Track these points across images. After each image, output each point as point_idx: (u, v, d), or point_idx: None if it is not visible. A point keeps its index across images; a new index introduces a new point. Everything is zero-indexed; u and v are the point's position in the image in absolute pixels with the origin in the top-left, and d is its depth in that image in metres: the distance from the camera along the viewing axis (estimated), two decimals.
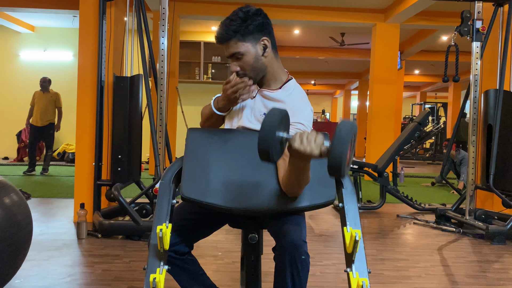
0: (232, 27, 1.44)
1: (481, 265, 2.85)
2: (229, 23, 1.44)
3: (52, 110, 6.79)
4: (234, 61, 1.47)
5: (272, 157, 1.13)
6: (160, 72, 3.53)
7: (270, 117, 1.14)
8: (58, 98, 6.87)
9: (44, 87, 6.76)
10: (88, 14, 3.70)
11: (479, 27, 3.75)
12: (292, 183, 1.30)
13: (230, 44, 1.46)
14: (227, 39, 1.45)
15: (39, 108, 6.66)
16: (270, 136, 1.11)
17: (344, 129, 1.06)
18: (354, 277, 1.23)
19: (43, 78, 6.80)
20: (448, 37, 8.94)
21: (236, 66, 1.47)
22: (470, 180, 3.82)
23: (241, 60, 1.46)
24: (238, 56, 1.46)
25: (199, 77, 8.87)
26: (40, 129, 6.69)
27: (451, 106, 14.32)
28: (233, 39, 1.45)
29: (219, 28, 1.46)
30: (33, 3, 6.99)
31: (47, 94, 6.77)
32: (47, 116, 6.71)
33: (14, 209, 1.89)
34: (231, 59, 1.48)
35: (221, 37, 1.46)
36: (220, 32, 1.46)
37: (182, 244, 1.47)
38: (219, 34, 1.46)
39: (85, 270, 2.55)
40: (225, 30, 1.44)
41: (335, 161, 1.06)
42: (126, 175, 3.55)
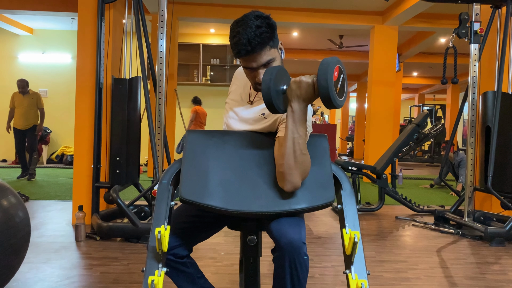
0: (264, 34, 1.37)
1: (480, 267, 2.85)
2: (257, 31, 1.35)
3: (34, 112, 6.56)
4: (263, 70, 1.41)
5: (277, 106, 1.30)
6: (159, 74, 3.53)
7: (267, 73, 1.29)
8: (39, 99, 6.61)
9: (22, 91, 6.52)
10: (86, 17, 3.70)
11: (477, 29, 3.76)
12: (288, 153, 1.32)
13: (263, 52, 1.39)
14: (261, 48, 1.38)
15: (21, 112, 6.46)
16: (270, 88, 1.27)
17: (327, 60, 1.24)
18: (353, 279, 1.23)
19: (20, 81, 6.54)
20: (446, 39, 8.96)
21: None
22: (469, 182, 3.83)
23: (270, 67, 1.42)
24: (270, 63, 1.41)
25: (197, 79, 8.88)
26: (25, 132, 6.52)
27: (449, 108, 14.35)
28: (266, 47, 1.39)
29: (246, 39, 1.35)
30: (32, 5, 6.98)
31: (27, 96, 6.52)
32: (30, 119, 6.51)
33: (12, 212, 1.88)
34: (259, 69, 1.41)
35: (255, 46, 1.36)
36: (252, 42, 1.35)
37: (182, 247, 1.46)
38: (252, 44, 1.35)
39: (83, 272, 2.54)
40: (258, 39, 1.35)
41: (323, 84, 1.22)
42: (125, 177, 3.54)
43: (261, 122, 1.51)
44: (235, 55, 1.42)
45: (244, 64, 1.43)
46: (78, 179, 3.72)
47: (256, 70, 1.42)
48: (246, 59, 1.41)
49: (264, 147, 1.47)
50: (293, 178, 1.32)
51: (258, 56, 1.39)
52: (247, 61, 1.41)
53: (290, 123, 1.32)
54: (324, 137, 1.53)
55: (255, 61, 1.40)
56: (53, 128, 9.27)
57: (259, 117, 1.51)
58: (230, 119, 1.58)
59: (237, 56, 1.41)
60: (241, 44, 1.36)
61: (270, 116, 1.49)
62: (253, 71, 1.43)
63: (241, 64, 1.49)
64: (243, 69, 1.48)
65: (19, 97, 6.56)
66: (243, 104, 1.57)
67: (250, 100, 1.55)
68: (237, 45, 1.38)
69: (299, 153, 1.32)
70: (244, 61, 1.42)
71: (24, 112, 6.48)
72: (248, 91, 1.58)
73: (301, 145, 1.32)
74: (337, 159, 5.05)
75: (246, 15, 1.40)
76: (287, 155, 1.32)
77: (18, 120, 6.50)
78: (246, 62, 1.41)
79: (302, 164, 1.33)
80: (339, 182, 1.45)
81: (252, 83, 1.49)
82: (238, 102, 1.58)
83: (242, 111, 1.55)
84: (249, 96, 1.56)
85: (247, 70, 1.45)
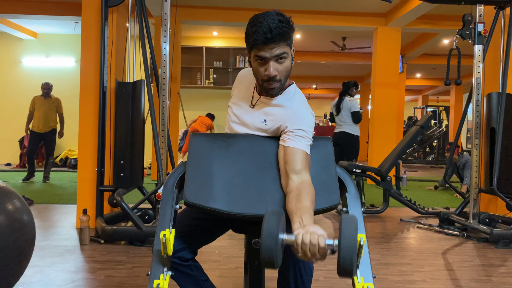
0: (285, 28, 1.36)
1: (486, 269, 2.83)
2: (279, 24, 1.35)
3: (54, 116, 6.71)
4: (275, 64, 1.40)
5: (277, 264, 1.10)
6: (162, 77, 3.54)
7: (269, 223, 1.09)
8: (59, 104, 6.79)
9: (47, 93, 6.68)
10: (90, 20, 3.72)
11: (480, 30, 3.75)
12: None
13: (280, 44, 1.38)
14: (279, 39, 1.37)
15: (41, 114, 6.56)
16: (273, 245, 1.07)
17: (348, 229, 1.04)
18: (359, 282, 1.22)
19: (45, 84, 6.71)
20: (450, 40, 8.94)
21: (275, 70, 1.40)
22: (474, 183, 3.81)
23: (282, 64, 1.41)
24: (282, 57, 1.40)
25: (200, 82, 8.89)
26: (42, 136, 6.59)
27: (453, 109, 14.31)
28: (284, 41, 1.38)
29: (267, 27, 1.34)
30: (36, 10, 7.02)
31: (48, 100, 6.67)
32: (49, 122, 6.62)
33: (17, 215, 1.89)
34: (272, 60, 1.39)
35: (274, 36, 1.35)
36: (273, 30, 1.34)
37: (186, 250, 1.46)
38: (273, 33, 1.35)
39: (88, 276, 2.54)
40: (279, 29, 1.35)
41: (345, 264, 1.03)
42: (129, 180, 3.55)
43: (262, 129, 1.50)
44: (252, 43, 1.39)
45: (257, 53, 1.39)
46: (82, 182, 3.73)
47: (268, 61, 1.39)
48: (261, 48, 1.38)
49: (268, 150, 1.46)
50: None
51: (275, 46, 1.37)
52: (262, 50, 1.38)
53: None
54: (328, 140, 1.52)
55: (270, 50, 1.37)
56: None
57: (260, 123, 1.50)
58: (232, 123, 1.58)
59: (254, 43, 1.38)
60: (261, 31, 1.35)
61: (271, 123, 1.48)
62: (265, 62, 1.40)
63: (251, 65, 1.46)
64: (253, 63, 1.45)
65: (40, 100, 6.65)
66: (245, 108, 1.56)
67: (252, 104, 1.55)
68: (256, 33, 1.36)
69: None
70: (259, 50, 1.38)
71: (43, 115, 6.56)
72: (250, 94, 1.56)
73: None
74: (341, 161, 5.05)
75: (268, 11, 1.40)
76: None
77: (37, 122, 6.55)
78: (261, 51, 1.38)
79: None
80: (344, 184, 1.44)
81: (259, 78, 1.45)
82: (240, 106, 1.58)
83: (243, 115, 1.54)
84: (252, 100, 1.55)
85: (258, 61, 1.41)
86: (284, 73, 1.43)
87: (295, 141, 1.40)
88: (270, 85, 1.43)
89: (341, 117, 5.61)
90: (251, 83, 1.57)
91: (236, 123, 1.56)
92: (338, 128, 5.69)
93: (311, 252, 1.09)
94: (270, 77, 1.41)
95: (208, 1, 6.74)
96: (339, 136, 5.63)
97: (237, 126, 1.55)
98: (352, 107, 5.53)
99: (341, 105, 5.59)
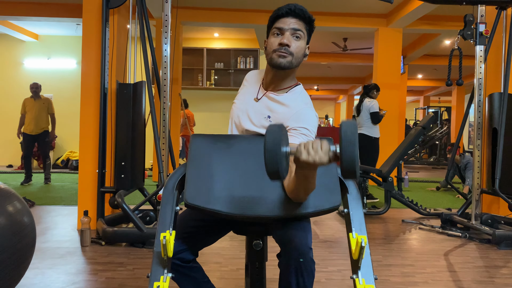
0: (307, 14, 1.47)
1: (488, 271, 2.82)
2: (304, 9, 1.47)
3: (46, 117, 6.51)
4: (290, 37, 1.46)
5: (282, 175, 1.12)
6: (163, 78, 3.53)
7: (272, 135, 1.11)
8: (50, 104, 6.59)
9: (36, 93, 6.48)
10: (91, 22, 3.72)
11: (482, 31, 3.74)
12: (298, 191, 1.29)
13: (300, 23, 1.47)
14: (300, 18, 1.46)
15: (32, 116, 6.38)
16: (277, 155, 1.09)
17: (349, 130, 1.07)
18: (360, 284, 1.22)
19: (34, 84, 6.51)
20: (451, 41, 8.93)
21: (290, 41, 1.45)
22: (476, 184, 3.79)
23: (296, 42, 1.47)
24: (299, 35, 1.47)
25: (202, 83, 8.90)
26: (35, 138, 6.44)
27: (454, 110, 14.27)
28: (303, 20, 1.47)
29: (293, 4, 1.46)
30: (37, 12, 7.04)
31: (38, 100, 6.49)
32: (41, 124, 6.44)
33: (17, 217, 1.88)
34: (288, 32, 1.45)
35: (298, 11, 1.46)
36: (297, 7, 1.46)
37: (187, 251, 1.46)
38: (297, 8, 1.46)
39: (89, 278, 2.54)
40: (303, 10, 1.46)
41: (348, 164, 1.06)
42: (130, 182, 3.54)
43: (265, 125, 1.50)
44: (274, 16, 1.48)
45: (277, 24, 1.47)
46: (83, 184, 3.73)
47: (284, 32, 1.45)
48: (281, 21, 1.46)
49: None
50: (301, 200, 1.34)
51: (294, 20, 1.45)
52: (281, 21, 1.46)
53: (301, 178, 1.24)
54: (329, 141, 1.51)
55: (289, 23, 1.45)
56: (58, 133, 9.29)
57: (264, 119, 1.50)
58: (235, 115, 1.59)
59: (276, 14, 1.47)
60: (286, 6, 1.45)
61: (275, 120, 1.49)
62: (282, 34, 1.46)
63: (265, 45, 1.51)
64: (269, 39, 1.50)
65: (30, 102, 6.50)
66: (249, 102, 1.57)
67: (257, 98, 1.55)
68: (281, 8, 1.47)
69: (309, 190, 1.29)
70: (279, 22, 1.47)
71: (35, 117, 6.40)
72: (256, 90, 1.58)
73: (312, 185, 1.27)
74: None
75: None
76: (297, 192, 1.30)
77: (28, 125, 6.41)
78: (280, 22, 1.46)
79: (312, 190, 1.31)
80: (345, 186, 1.44)
81: (271, 48, 1.48)
82: (245, 100, 1.60)
83: (247, 108, 1.56)
84: (257, 94, 1.57)
85: (275, 34, 1.47)
86: (296, 50, 1.47)
87: (298, 139, 1.40)
88: (281, 53, 1.45)
89: (361, 119, 5.48)
90: (258, 80, 1.60)
91: (239, 116, 1.57)
92: (358, 130, 5.56)
93: (314, 148, 1.11)
94: (283, 44, 1.44)
95: (209, 2, 6.75)
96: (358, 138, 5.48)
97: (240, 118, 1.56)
98: (371, 108, 5.47)
99: (360, 107, 5.51)
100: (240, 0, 6.57)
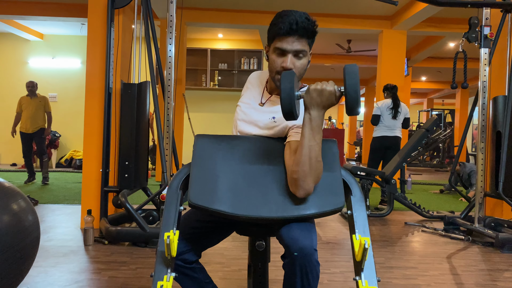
0: (309, 27, 1.38)
1: (491, 274, 2.81)
2: (305, 20, 1.37)
3: (42, 115, 6.48)
4: (292, 58, 1.41)
5: (295, 114, 1.28)
6: (168, 79, 3.54)
7: (286, 80, 1.26)
8: (47, 102, 6.55)
9: (32, 92, 6.47)
10: (96, 22, 3.74)
11: (487, 33, 3.73)
12: (303, 164, 1.29)
13: (302, 40, 1.39)
14: (303, 34, 1.38)
15: (28, 114, 6.35)
16: (291, 97, 1.25)
17: (351, 70, 1.23)
18: (363, 286, 1.22)
19: (30, 83, 6.49)
20: (455, 43, 8.91)
21: (292, 64, 1.41)
22: (479, 187, 3.78)
23: (299, 61, 1.42)
24: (300, 55, 1.41)
25: (205, 84, 8.91)
26: (32, 136, 6.42)
27: (458, 113, 14.23)
28: (306, 39, 1.40)
29: (294, 20, 1.36)
30: (42, 11, 7.07)
31: (35, 99, 6.46)
32: (37, 122, 6.41)
33: (21, 215, 1.89)
34: (290, 54, 1.40)
35: (299, 28, 1.36)
36: (299, 23, 1.36)
37: (191, 252, 1.46)
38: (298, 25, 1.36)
39: (92, 277, 2.54)
40: (304, 24, 1.36)
41: (353, 98, 1.23)
42: (133, 181, 3.55)
43: (270, 127, 1.50)
44: (275, 32, 1.40)
45: (278, 44, 1.41)
46: (87, 183, 3.74)
47: (287, 54, 1.41)
48: (283, 39, 1.39)
49: (273, 151, 1.46)
50: (306, 185, 1.31)
51: (296, 40, 1.39)
52: (283, 41, 1.39)
53: (307, 130, 1.30)
54: (333, 142, 1.52)
55: (291, 43, 1.39)
56: (62, 132, 9.35)
57: (269, 121, 1.50)
58: (239, 121, 1.58)
59: (277, 32, 1.39)
60: (287, 21, 1.36)
61: (280, 121, 1.49)
62: (284, 55, 1.41)
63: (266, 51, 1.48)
64: (270, 55, 1.45)
65: (26, 100, 6.49)
66: (254, 106, 1.56)
67: (261, 102, 1.55)
68: (282, 22, 1.37)
69: (314, 160, 1.30)
70: (280, 41, 1.40)
71: (31, 115, 6.39)
72: (260, 94, 1.58)
73: (317, 152, 1.30)
74: (345, 164, 5.01)
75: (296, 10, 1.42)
76: (302, 162, 1.30)
77: (25, 123, 6.40)
78: (282, 42, 1.40)
79: (316, 171, 1.31)
80: (348, 187, 1.44)
81: (274, 70, 1.45)
82: (249, 104, 1.58)
83: (252, 113, 1.55)
84: (261, 98, 1.56)
85: (277, 53, 1.42)
86: (299, 70, 1.44)
87: None
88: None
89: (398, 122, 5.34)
90: (261, 83, 1.59)
91: (244, 121, 1.56)
92: (392, 133, 5.41)
93: (321, 85, 1.28)
94: (286, 68, 1.41)
95: (213, 3, 6.76)
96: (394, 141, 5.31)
97: (245, 124, 1.55)
98: (408, 113, 5.44)
99: (399, 109, 5.38)
100: (244, 1, 6.59)
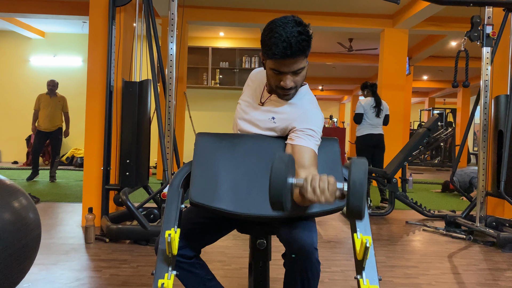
0: (304, 43, 1.32)
1: (492, 273, 2.81)
2: (299, 38, 1.30)
3: (60, 115, 6.58)
4: (291, 76, 1.39)
5: (285, 207, 1.09)
6: (169, 77, 3.54)
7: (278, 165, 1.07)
8: (65, 103, 6.66)
9: (52, 91, 6.55)
10: (97, 20, 3.73)
11: (489, 32, 3.72)
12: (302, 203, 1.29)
13: (299, 59, 1.35)
14: (299, 55, 1.33)
15: (47, 113, 6.44)
16: (282, 187, 1.06)
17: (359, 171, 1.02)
18: (364, 284, 1.22)
19: (51, 81, 6.57)
20: (457, 42, 8.89)
21: (292, 82, 1.39)
22: (481, 186, 3.78)
23: (298, 75, 1.40)
24: (300, 71, 1.39)
25: (207, 82, 8.91)
26: (48, 135, 6.50)
27: (460, 112, 14.21)
28: (302, 56, 1.35)
29: (287, 42, 1.29)
30: (44, 9, 7.08)
31: (54, 98, 6.55)
32: (55, 121, 6.50)
33: (23, 213, 1.90)
34: (289, 75, 1.38)
35: (294, 52, 1.31)
36: (293, 47, 1.30)
37: (188, 248, 1.46)
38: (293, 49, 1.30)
39: (93, 274, 2.55)
40: (299, 46, 1.31)
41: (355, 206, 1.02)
42: (134, 179, 3.56)
43: (270, 127, 1.49)
44: (269, 55, 1.35)
45: (274, 66, 1.37)
46: (88, 181, 3.74)
47: (286, 75, 1.38)
48: (279, 62, 1.35)
49: (274, 150, 1.46)
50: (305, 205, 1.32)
51: (293, 62, 1.34)
52: (280, 64, 1.35)
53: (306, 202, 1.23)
54: (335, 141, 1.51)
55: (289, 66, 1.35)
56: None
57: (269, 121, 1.50)
58: (239, 120, 1.57)
59: (272, 56, 1.34)
60: (281, 46, 1.30)
61: (279, 122, 1.48)
62: (281, 74, 1.39)
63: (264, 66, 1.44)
64: (267, 70, 1.42)
65: (45, 99, 6.52)
66: (254, 105, 1.56)
67: (261, 102, 1.54)
68: (275, 46, 1.31)
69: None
70: (276, 64, 1.36)
71: (49, 114, 6.45)
72: (260, 92, 1.56)
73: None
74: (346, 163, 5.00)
75: (286, 18, 1.34)
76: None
77: (42, 121, 6.44)
78: (278, 65, 1.36)
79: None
80: None
81: (273, 85, 1.44)
82: (249, 103, 1.57)
83: (252, 112, 1.54)
84: (261, 97, 1.55)
85: (275, 72, 1.39)
86: (300, 82, 1.44)
87: (304, 140, 1.39)
88: (285, 92, 1.43)
89: (380, 120, 5.23)
90: (262, 81, 1.57)
91: (244, 119, 1.55)
92: (376, 130, 5.34)
93: (320, 188, 1.08)
94: (285, 88, 1.40)
95: (215, 1, 6.76)
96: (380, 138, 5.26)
97: (245, 123, 1.55)
98: (388, 110, 5.32)
99: (381, 106, 5.24)
100: (245, 0, 6.58)
